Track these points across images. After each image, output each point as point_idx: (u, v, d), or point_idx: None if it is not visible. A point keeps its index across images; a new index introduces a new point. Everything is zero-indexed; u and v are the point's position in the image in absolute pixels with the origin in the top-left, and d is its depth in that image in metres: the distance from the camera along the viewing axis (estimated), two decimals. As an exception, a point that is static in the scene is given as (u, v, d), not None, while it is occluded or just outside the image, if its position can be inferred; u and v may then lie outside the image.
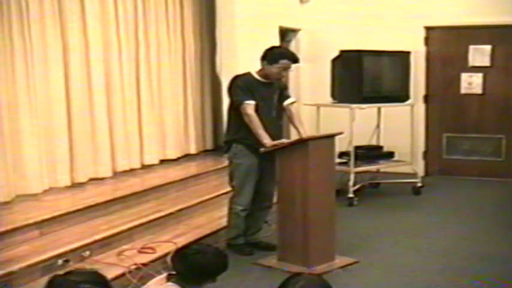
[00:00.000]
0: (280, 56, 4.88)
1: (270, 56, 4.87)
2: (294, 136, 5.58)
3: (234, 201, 5.05)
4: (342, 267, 4.73)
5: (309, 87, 8.52)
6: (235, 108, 4.88)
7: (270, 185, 5.05)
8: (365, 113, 7.08)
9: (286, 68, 4.93)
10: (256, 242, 5.19)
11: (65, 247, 4.33)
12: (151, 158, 6.83)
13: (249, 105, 4.78)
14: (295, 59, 4.99)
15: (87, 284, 2.14)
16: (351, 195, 6.75)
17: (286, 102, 5.08)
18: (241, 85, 4.86)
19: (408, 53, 7.53)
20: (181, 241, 4.84)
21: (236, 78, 4.97)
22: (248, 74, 4.96)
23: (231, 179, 5.07)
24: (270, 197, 5.13)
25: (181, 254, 3.09)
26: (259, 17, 7.39)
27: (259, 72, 4.94)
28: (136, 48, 6.65)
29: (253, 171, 4.95)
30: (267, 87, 4.93)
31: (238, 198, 5.01)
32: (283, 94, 5.09)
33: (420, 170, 7.96)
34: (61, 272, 2.28)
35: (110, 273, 3.93)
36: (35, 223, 4.59)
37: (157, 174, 6.47)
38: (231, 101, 4.97)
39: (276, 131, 4.89)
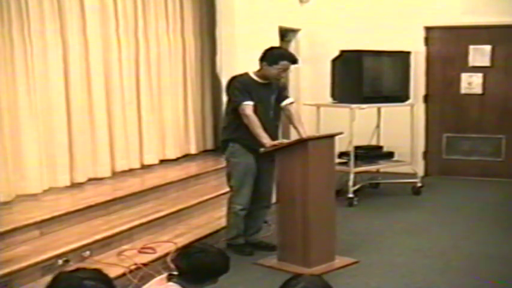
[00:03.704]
0: (280, 57, 4.88)
1: (270, 56, 4.86)
2: (293, 136, 5.57)
3: (232, 200, 5.05)
4: (342, 267, 4.73)
5: (309, 87, 8.52)
6: (234, 109, 4.87)
7: (268, 184, 5.06)
8: (365, 113, 7.08)
9: (286, 69, 4.93)
10: (256, 242, 5.19)
11: (65, 247, 4.33)
12: (151, 158, 6.82)
13: (248, 106, 4.78)
14: (294, 60, 4.99)
15: (91, 281, 2.16)
16: (350, 195, 6.75)
17: (284, 103, 5.07)
18: (239, 86, 4.86)
19: (408, 53, 7.53)
20: (181, 241, 4.85)
21: (234, 79, 4.97)
22: (246, 75, 4.95)
23: (229, 179, 5.07)
24: (268, 196, 5.14)
25: (184, 253, 3.10)
26: (259, 17, 7.39)
27: (257, 72, 4.94)
28: (136, 48, 6.65)
29: (251, 170, 4.95)
30: (265, 88, 4.93)
31: (237, 198, 5.01)
32: (282, 94, 5.08)
33: (420, 170, 7.96)
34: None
35: (110, 273, 3.85)
36: (35, 223, 4.59)
37: (157, 174, 6.47)
38: (229, 101, 4.97)
39: (273, 131, 4.89)
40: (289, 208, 4.71)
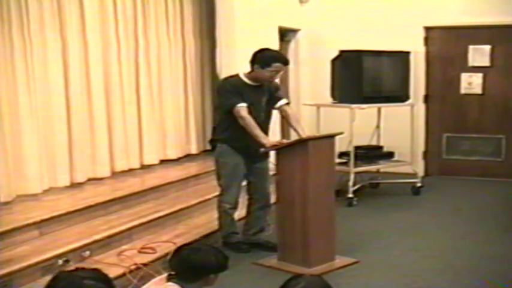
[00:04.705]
0: (272, 59, 4.83)
1: (261, 59, 4.82)
2: (293, 137, 5.57)
3: (221, 199, 5.08)
4: (342, 267, 4.73)
5: (309, 87, 8.52)
6: (228, 111, 4.85)
7: (264, 183, 5.10)
8: (365, 113, 7.08)
9: (278, 71, 4.90)
10: (260, 242, 5.19)
11: (64, 247, 4.34)
12: (152, 158, 6.83)
13: (242, 108, 4.76)
14: (286, 62, 4.98)
15: (91, 280, 2.16)
16: (350, 195, 6.75)
17: (279, 104, 5.05)
18: (230, 89, 4.84)
19: (408, 53, 7.52)
20: (181, 241, 4.84)
21: (224, 81, 4.98)
22: (236, 76, 4.94)
23: (218, 178, 5.09)
24: (267, 196, 5.15)
25: (176, 253, 3.12)
26: (259, 17, 7.39)
27: (248, 74, 4.90)
28: (136, 48, 6.65)
29: (239, 170, 4.97)
30: (256, 90, 4.90)
31: (226, 197, 5.03)
32: (275, 96, 5.05)
33: (420, 170, 7.96)
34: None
35: (110, 273, 3.85)
36: (35, 223, 4.59)
37: (157, 174, 6.47)
38: (221, 104, 4.96)
39: (264, 133, 4.87)
40: (289, 208, 4.70)
